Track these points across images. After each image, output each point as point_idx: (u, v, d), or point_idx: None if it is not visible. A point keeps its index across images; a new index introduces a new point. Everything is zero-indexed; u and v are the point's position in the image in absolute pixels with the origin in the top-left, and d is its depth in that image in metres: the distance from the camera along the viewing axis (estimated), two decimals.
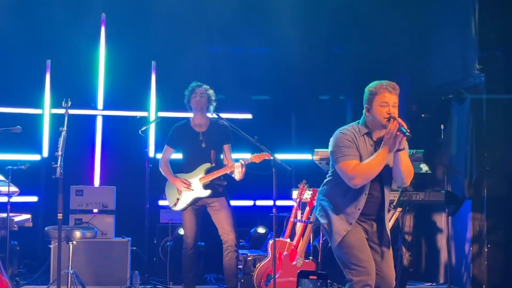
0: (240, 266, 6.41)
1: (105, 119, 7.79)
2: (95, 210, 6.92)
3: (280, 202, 6.91)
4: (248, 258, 6.54)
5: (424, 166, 6.42)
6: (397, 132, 3.97)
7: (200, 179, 5.88)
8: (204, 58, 7.94)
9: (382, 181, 4.21)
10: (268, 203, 7.63)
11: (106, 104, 7.77)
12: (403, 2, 7.58)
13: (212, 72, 7.65)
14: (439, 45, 7.43)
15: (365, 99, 4.19)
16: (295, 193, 6.40)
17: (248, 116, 7.95)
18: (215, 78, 6.98)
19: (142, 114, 7.76)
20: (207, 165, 5.91)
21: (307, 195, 6.17)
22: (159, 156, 6.26)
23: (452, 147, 6.99)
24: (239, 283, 6.18)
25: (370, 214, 4.24)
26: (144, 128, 6.73)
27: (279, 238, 6.15)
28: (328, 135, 4.33)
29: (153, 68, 7.85)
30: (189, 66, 7.64)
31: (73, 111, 5.58)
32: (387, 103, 4.07)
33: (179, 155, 6.13)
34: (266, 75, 7.97)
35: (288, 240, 6.16)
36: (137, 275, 6.66)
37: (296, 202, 6.32)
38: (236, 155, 6.06)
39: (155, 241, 7.23)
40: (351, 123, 4.29)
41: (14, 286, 6.36)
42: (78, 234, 5.78)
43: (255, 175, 7.14)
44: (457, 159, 6.89)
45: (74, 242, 5.77)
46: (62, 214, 5.02)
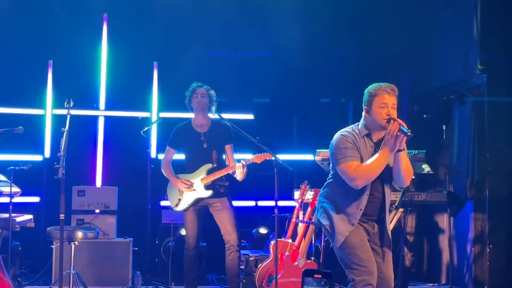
0: (242, 267, 6.41)
1: (107, 119, 7.79)
2: (97, 211, 6.92)
3: (282, 203, 6.93)
4: (250, 259, 6.54)
5: (426, 167, 6.41)
6: (397, 132, 4.01)
7: (201, 179, 5.88)
8: (205, 59, 7.95)
9: (382, 181, 4.23)
10: (270, 203, 7.64)
11: (108, 105, 7.77)
12: (405, 5, 7.57)
13: (214, 73, 7.65)
14: (441, 46, 7.42)
15: (364, 101, 4.23)
16: (297, 193, 6.41)
17: (250, 116, 7.95)
18: (216, 80, 6.97)
19: (144, 114, 7.77)
20: (208, 165, 5.90)
21: (309, 195, 6.17)
22: (161, 156, 6.26)
23: (454, 147, 6.98)
24: (241, 283, 6.18)
25: (372, 214, 4.26)
26: (146, 128, 6.74)
27: (281, 238, 6.15)
28: (329, 135, 4.34)
29: (155, 68, 7.86)
30: (190, 66, 7.65)
31: (75, 112, 5.58)
32: (386, 105, 4.12)
33: (182, 156, 6.14)
34: (267, 78, 7.96)
35: (290, 240, 6.16)
36: (139, 275, 6.68)
37: (298, 202, 6.32)
38: (238, 156, 6.06)
39: (157, 241, 7.23)
40: (351, 125, 4.32)
41: (16, 286, 6.36)
42: (80, 234, 5.78)
43: (257, 175, 7.14)
44: (459, 159, 6.89)
45: (76, 243, 5.78)
46: (64, 215, 5.03)
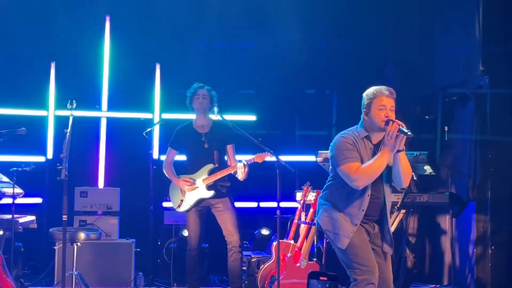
0: (244, 268, 6.41)
1: (109, 121, 7.80)
2: (100, 212, 6.93)
3: (284, 204, 6.92)
4: (252, 260, 6.55)
5: (428, 168, 6.41)
6: (397, 133, 4.07)
7: (203, 180, 5.89)
8: (206, 58, 7.98)
9: (382, 182, 4.30)
10: (272, 204, 7.65)
11: (110, 106, 7.78)
12: (407, 5, 7.58)
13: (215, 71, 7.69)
14: (442, 47, 7.42)
15: (363, 104, 4.30)
16: (299, 194, 6.41)
17: (252, 117, 7.96)
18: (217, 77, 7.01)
19: (146, 116, 7.78)
20: (210, 166, 5.91)
21: (311, 196, 6.17)
22: (163, 157, 6.27)
23: (456, 149, 6.98)
24: (243, 284, 6.18)
25: (372, 215, 4.31)
26: (148, 129, 6.74)
27: (283, 239, 6.15)
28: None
29: (157, 70, 7.87)
30: (192, 68, 7.67)
31: (77, 113, 5.58)
32: (384, 107, 4.19)
33: (183, 157, 6.14)
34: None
35: (292, 241, 6.16)
36: (141, 276, 6.68)
37: (300, 203, 6.32)
38: (240, 157, 6.07)
39: (159, 242, 7.24)
40: (350, 128, 4.38)
41: (19, 287, 6.37)
42: (82, 235, 5.79)
43: (259, 176, 7.15)
44: (461, 161, 6.88)
45: (79, 244, 5.78)
46: (66, 216, 5.04)
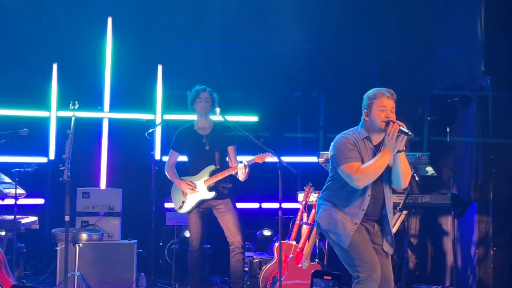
0: (246, 269, 6.42)
1: (111, 121, 7.80)
2: (102, 213, 6.93)
3: (286, 205, 6.94)
4: (254, 261, 6.56)
5: (430, 169, 6.41)
6: (398, 133, 4.13)
7: (204, 181, 5.90)
8: (207, 59, 8.00)
9: (382, 182, 4.34)
10: (274, 205, 7.65)
11: (112, 107, 7.79)
12: (408, 6, 7.59)
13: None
14: (445, 48, 7.42)
15: (364, 105, 4.36)
16: (301, 195, 6.42)
17: (254, 118, 7.96)
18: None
19: (148, 116, 7.78)
20: (211, 167, 5.93)
21: (313, 197, 6.18)
22: (165, 158, 6.28)
23: (458, 150, 6.98)
24: (245, 285, 6.19)
25: (372, 215, 4.36)
26: (150, 130, 6.75)
27: (285, 240, 6.16)
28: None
29: (159, 71, 7.88)
30: (194, 69, 7.68)
31: (79, 114, 5.60)
32: (385, 107, 4.26)
33: (185, 158, 6.15)
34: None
35: (294, 242, 6.17)
36: (143, 277, 6.70)
37: (302, 204, 6.33)
38: (241, 158, 6.07)
39: (161, 243, 7.25)
40: (351, 128, 4.44)
41: None
42: (84, 236, 5.80)
43: (261, 177, 7.17)
44: (463, 161, 6.88)
45: (81, 244, 5.79)
46: (69, 216, 5.04)
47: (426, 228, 7.36)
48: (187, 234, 6.44)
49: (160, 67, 7.88)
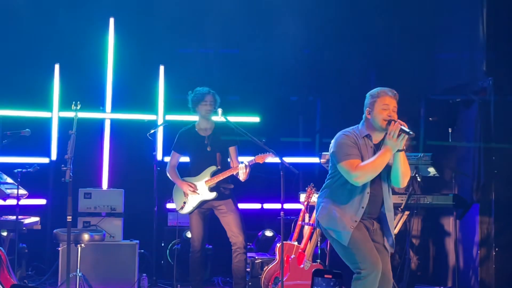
0: (248, 269, 6.42)
1: (113, 122, 7.81)
2: (104, 213, 6.93)
3: (287, 205, 6.92)
4: (256, 261, 6.56)
5: (432, 170, 6.41)
6: (399, 132, 4.15)
7: (205, 181, 5.90)
8: (208, 60, 8.00)
9: (381, 180, 4.37)
10: (276, 206, 7.64)
11: (114, 108, 7.79)
12: (410, 7, 7.58)
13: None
14: (446, 48, 7.42)
15: (366, 104, 4.39)
16: (302, 196, 6.42)
17: (255, 119, 7.96)
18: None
19: (150, 117, 7.79)
20: (212, 167, 5.93)
21: (315, 198, 6.17)
22: (167, 159, 6.29)
23: (460, 150, 6.97)
24: (247, 286, 6.19)
25: (371, 212, 4.38)
26: (152, 131, 6.74)
27: (286, 241, 6.16)
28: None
29: (160, 71, 7.88)
30: (196, 69, 7.68)
31: (81, 114, 5.60)
32: (388, 106, 4.29)
33: (188, 159, 6.16)
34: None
35: (295, 243, 6.17)
36: (144, 277, 6.70)
37: (303, 205, 6.33)
38: (243, 159, 6.07)
39: (163, 244, 7.25)
40: (351, 127, 4.47)
41: None
42: (86, 236, 5.80)
43: (263, 178, 7.16)
44: (465, 162, 6.87)
45: (83, 245, 5.80)
46: (71, 217, 5.05)
47: (428, 228, 7.36)
48: (189, 234, 6.45)
49: (162, 68, 7.88)
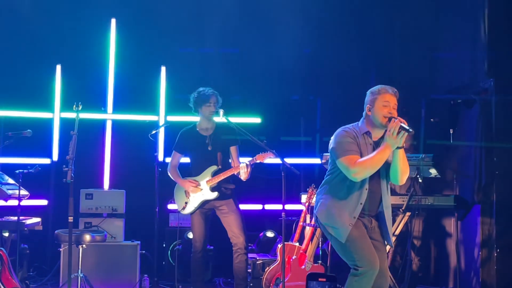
0: (249, 270, 6.42)
1: (114, 123, 7.82)
2: (105, 214, 6.93)
3: (289, 206, 6.93)
4: (257, 262, 6.56)
5: (433, 171, 6.41)
6: (399, 130, 4.17)
7: (207, 181, 5.90)
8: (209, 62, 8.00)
9: (380, 178, 4.40)
10: (277, 207, 7.64)
11: (115, 108, 7.80)
12: (412, 8, 7.58)
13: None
14: (448, 49, 7.41)
15: (366, 101, 4.43)
16: (304, 197, 6.42)
17: (257, 120, 7.96)
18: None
19: (151, 118, 7.79)
20: (213, 167, 5.94)
21: None
22: (168, 160, 6.29)
23: (461, 151, 6.97)
24: (248, 286, 6.19)
25: (370, 210, 4.42)
26: (153, 132, 6.74)
27: (288, 242, 6.15)
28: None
29: (162, 72, 7.89)
30: (198, 70, 7.69)
31: (83, 115, 5.60)
32: (388, 103, 4.33)
33: (188, 159, 6.16)
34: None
35: (297, 244, 6.17)
36: (146, 278, 6.69)
37: (305, 206, 6.33)
38: (244, 159, 6.07)
39: (164, 244, 7.25)
40: (351, 124, 4.50)
41: None
42: (88, 237, 5.80)
43: (264, 179, 7.16)
44: (466, 163, 6.87)
45: (84, 246, 5.80)
46: (72, 217, 5.05)
47: (429, 229, 7.35)
48: (190, 235, 6.45)
49: (163, 69, 7.89)
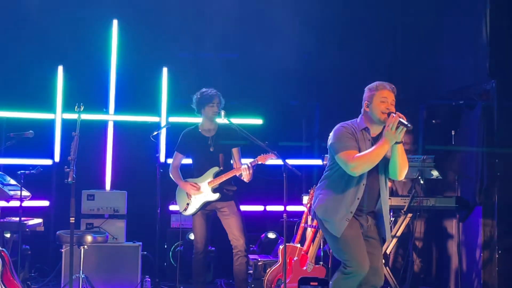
0: (251, 271, 6.42)
1: (116, 124, 7.83)
2: (106, 215, 6.94)
3: (290, 208, 6.92)
4: (259, 263, 6.56)
5: (435, 172, 6.41)
6: (397, 124, 4.19)
7: (208, 183, 5.90)
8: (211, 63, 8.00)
9: (379, 173, 4.43)
10: (279, 208, 7.65)
11: (117, 109, 7.81)
12: (413, 10, 7.58)
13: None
14: (449, 51, 7.41)
15: (364, 97, 4.48)
16: (305, 198, 6.42)
17: (258, 121, 7.97)
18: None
19: (153, 119, 7.80)
20: (215, 169, 5.93)
21: None
22: (170, 161, 6.29)
23: (463, 152, 6.96)
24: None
25: (368, 205, 4.45)
26: (155, 133, 6.74)
27: (289, 243, 6.16)
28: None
29: (164, 73, 7.89)
30: (199, 72, 7.69)
31: (84, 116, 5.61)
32: (386, 99, 4.37)
33: (189, 160, 6.16)
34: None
35: (298, 245, 6.17)
36: (147, 279, 6.69)
37: (306, 207, 6.33)
38: (246, 160, 6.07)
39: (165, 245, 7.26)
40: (350, 120, 4.53)
41: None
42: (89, 238, 5.81)
43: (266, 180, 7.16)
44: (468, 165, 6.86)
45: (86, 247, 5.81)
46: (74, 218, 5.04)
47: (431, 231, 7.35)
48: (192, 236, 6.45)
49: (165, 70, 7.90)
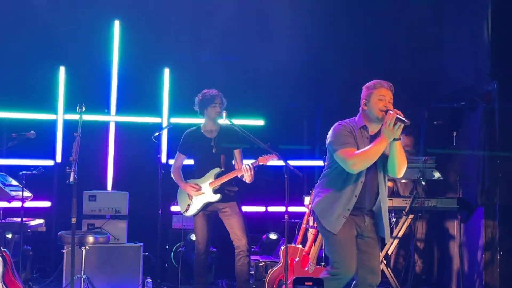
0: (252, 272, 6.42)
1: (118, 125, 7.83)
2: (108, 215, 6.94)
3: (292, 209, 6.93)
4: (260, 264, 6.56)
5: (436, 173, 6.40)
6: (395, 121, 4.22)
7: (210, 183, 5.91)
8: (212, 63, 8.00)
9: (377, 171, 4.46)
10: (280, 209, 7.65)
11: (119, 110, 7.82)
12: (415, 11, 7.58)
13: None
14: (451, 52, 7.41)
15: (362, 95, 4.51)
16: (307, 199, 6.42)
17: (260, 122, 7.97)
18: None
19: (154, 120, 7.81)
20: (216, 169, 5.94)
21: None
22: (171, 161, 6.30)
23: (465, 153, 6.96)
24: None
25: (367, 203, 4.47)
26: (156, 134, 6.75)
27: (291, 244, 6.15)
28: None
29: (165, 74, 7.90)
30: (201, 72, 7.69)
31: (86, 117, 5.62)
32: (384, 97, 4.40)
33: (191, 161, 6.16)
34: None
35: (300, 246, 6.17)
36: (149, 280, 6.69)
37: (308, 208, 6.32)
38: (248, 161, 6.07)
39: (167, 246, 7.26)
40: (348, 119, 4.57)
41: None
42: (91, 239, 5.81)
43: (267, 181, 7.15)
44: (469, 166, 6.86)
45: (87, 247, 5.80)
46: (76, 219, 5.04)
47: (432, 232, 7.35)
48: (193, 237, 6.44)
49: (166, 71, 7.91)
